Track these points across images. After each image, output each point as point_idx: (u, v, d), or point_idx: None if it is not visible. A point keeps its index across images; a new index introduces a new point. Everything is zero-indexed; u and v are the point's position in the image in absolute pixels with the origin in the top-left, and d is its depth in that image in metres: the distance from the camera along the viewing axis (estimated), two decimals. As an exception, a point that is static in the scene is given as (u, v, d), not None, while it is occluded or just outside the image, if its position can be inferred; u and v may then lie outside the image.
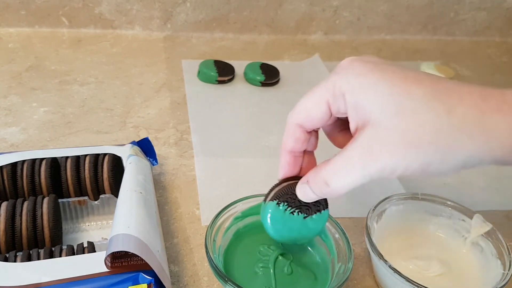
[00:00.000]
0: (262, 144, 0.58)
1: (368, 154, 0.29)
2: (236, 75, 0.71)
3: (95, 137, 0.56)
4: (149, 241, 0.34)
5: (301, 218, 0.36)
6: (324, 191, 0.32)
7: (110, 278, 0.33)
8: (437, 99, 0.28)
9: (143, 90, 0.66)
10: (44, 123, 0.57)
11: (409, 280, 0.35)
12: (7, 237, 0.37)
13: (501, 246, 0.40)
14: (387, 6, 0.86)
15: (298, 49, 0.82)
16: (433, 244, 0.43)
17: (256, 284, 0.37)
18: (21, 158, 0.43)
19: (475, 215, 0.42)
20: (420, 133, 0.28)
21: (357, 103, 0.30)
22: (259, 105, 0.65)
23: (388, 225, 0.42)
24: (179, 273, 0.41)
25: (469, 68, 0.83)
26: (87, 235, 0.43)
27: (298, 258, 0.40)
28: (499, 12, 0.91)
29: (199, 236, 0.45)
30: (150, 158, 0.48)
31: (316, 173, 0.32)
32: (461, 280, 0.40)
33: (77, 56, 0.72)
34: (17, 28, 0.76)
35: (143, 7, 0.78)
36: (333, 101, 0.31)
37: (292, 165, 0.35)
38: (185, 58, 0.75)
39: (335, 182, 0.31)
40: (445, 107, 0.28)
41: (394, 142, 0.28)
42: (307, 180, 0.33)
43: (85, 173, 0.43)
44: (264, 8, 0.82)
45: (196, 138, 0.57)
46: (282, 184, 0.36)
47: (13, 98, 0.61)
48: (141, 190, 0.39)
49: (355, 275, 0.43)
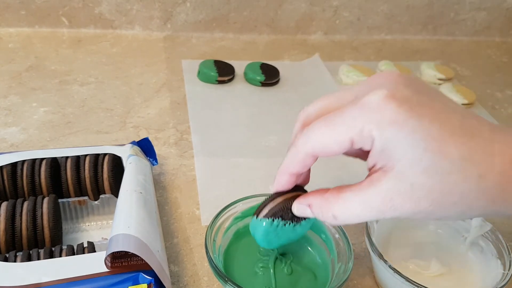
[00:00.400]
0: (262, 144, 0.58)
1: (389, 205, 0.28)
2: (236, 75, 0.71)
3: (95, 137, 0.56)
4: (149, 241, 0.34)
5: (291, 227, 0.36)
6: (328, 220, 0.31)
7: (110, 278, 0.33)
8: (471, 162, 0.27)
9: (143, 90, 0.66)
10: (44, 123, 0.57)
11: (409, 280, 0.35)
12: (7, 237, 0.37)
13: (501, 246, 0.40)
14: (387, 6, 0.86)
15: (298, 49, 0.82)
16: (433, 244, 0.43)
17: (256, 284, 0.37)
18: (21, 158, 0.43)
19: (475, 215, 0.42)
20: (446, 194, 0.27)
21: (386, 150, 0.28)
22: (259, 105, 0.65)
23: (388, 225, 0.42)
24: (179, 273, 0.41)
25: (469, 68, 0.83)
26: (87, 235, 0.43)
27: (298, 258, 0.40)
28: (499, 12, 0.91)
29: (199, 236, 0.45)
30: (150, 158, 0.48)
31: (323, 202, 0.31)
32: (461, 280, 0.40)
33: (77, 56, 0.72)
34: (17, 28, 0.76)
35: (143, 7, 0.78)
36: (359, 140, 0.28)
37: (290, 183, 0.34)
38: (185, 58, 0.75)
39: (345, 219, 0.30)
40: (477, 171, 0.27)
41: (418, 199, 0.28)
42: (309, 204, 0.32)
43: (85, 173, 0.43)
44: (264, 8, 0.82)
45: (196, 138, 0.57)
46: (277, 199, 0.34)
47: (13, 98, 0.61)
48: (141, 190, 0.39)
49: (355, 275, 0.43)
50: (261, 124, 0.61)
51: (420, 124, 0.27)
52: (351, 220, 0.30)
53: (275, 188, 0.34)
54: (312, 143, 0.30)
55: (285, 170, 0.33)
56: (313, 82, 0.72)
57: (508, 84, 0.79)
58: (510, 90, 0.78)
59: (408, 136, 0.27)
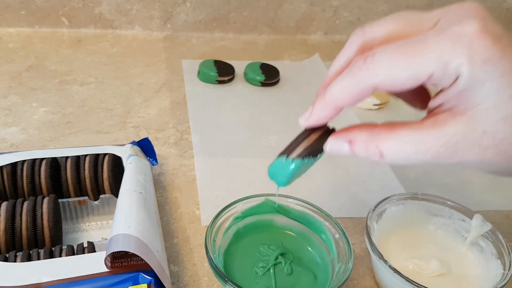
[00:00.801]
0: (262, 144, 0.58)
1: (451, 149, 0.26)
2: (236, 75, 0.71)
3: (95, 137, 0.56)
4: (149, 241, 0.34)
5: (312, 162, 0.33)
6: (373, 157, 0.28)
7: (110, 278, 0.33)
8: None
9: (143, 90, 0.66)
10: (44, 123, 0.57)
11: (409, 280, 0.35)
12: (7, 237, 0.37)
13: (501, 246, 0.40)
14: (387, 6, 0.86)
15: (298, 49, 0.82)
16: (433, 244, 0.43)
17: (256, 284, 0.37)
18: (21, 158, 0.43)
19: (475, 215, 0.42)
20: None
21: (469, 89, 0.25)
22: (259, 105, 0.65)
23: (388, 225, 0.42)
24: (179, 273, 0.41)
25: (469, 68, 0.83)
26: (87, 235, 0.43)
27: (298, 258, 0.40)
28: (499, 12, 0.91)
29: (199, 236, 0.45)
30: (150, 158, 0.48)
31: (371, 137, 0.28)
32: (461, 280, 0.40)
33: (77, 56, 0.72)
34: (17, 28, 0.76)
35: (143, 7, 0.78)
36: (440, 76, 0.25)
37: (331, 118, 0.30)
38: (185, 58, 0.75)
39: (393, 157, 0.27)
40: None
41: (486, 147, 0.25)
42: (350, 139, 0.29)
43: (85, 173, 0.43)
44: (264, 8, 0.82)
45: (196, 138, 0.57)
46: (311, 136, 0.31)
47: (13, 98, 0.61)
48: (141, 190, 0.39)
49: (355, 275, 0.43)
50: (261, 124, 0.61)
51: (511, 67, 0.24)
52: (400, 160, 0.27)
53: (311, 122, 0.30)
54: (380, 74, 0.25)
55: (333, 102, 0.28)
56: (313, 82, 0.72)
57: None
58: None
59: (499, 78, 0.24)
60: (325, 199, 0.50)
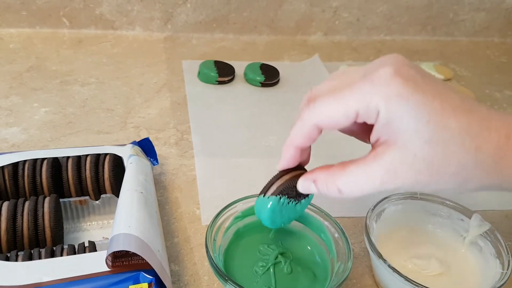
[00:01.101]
0: (262, 144, 0.58)
1: (392, 175, 0.30)
2: (236, 75, 0.71)
3: (96, 137, 0.56)
4: (150, 241, 0.35)
5: (293, 205, 0.36)
6: (333, 195, 0.32)
7: (111, 277, 0.33)
8: (469, 134, 0.29)
9: (144, 90, 0.66)
10: (45, 123, 0.57)
11: (408, 280, 0.35)
12: (9, 237, 0.37)
13: (500, 246, 0.40)
14: (386, 7, 0.86)
15: (298, 50, 0.83)
16: (432, 244, 0.43)
17: (256, 283, 0.37)
18: (22, 158, 0.43)
19: (474, 214, 0.42)
20: (446, 165, 0.29)
21: (391, 122, 0.29)
22: (259, 106, 0.65)
23: (387, 225, 0.43)
24: (179, 273, 0.41)
25: (468, 68, 0.84)
26: (88, 235, 0.43)
27: (297, 257, 0.40)
28: (498, 13, 0.92)
29: (199, 235, 0.45)
30: (150, 158, 0.49)
31: (328, 176, 0.32)
32: (460, 279, 0.40)
33: (78, 56, 0.72)
34: (18, 28, 0.76)
35: (144, 7, 0.78)
36: (364, 113, 0.30)
37: (296, 159, 0.35)
38: (186, 58, 0.75)
39: (350, 192, 0.31)
40: (474, 143, 0.29)
41: (419, 169, 0.29)
42: (313, 179, 0.33)
43: (86, 173, 0.44)
44: (264, 8, 0.83)
45: (196, 138, 0.57)
46: (284, 177, 0.35)
47: (14, 98, 0.61)
48: (141, 190, 0.40)
49: (355, 274, 0.43)
50: (261, 124, 0.62)
51: (424, 98, 0.29)
52: (355, 192, 0.31)
53: (282, 165, 0.35)
54: (319, 115, 0.31)
55: (291, 143, 0.34)
56: (313, 82, 0.72)
57: (507, 85, 0.79)
58: (509, 90, 0.78)
59: (413, 109, 0.28)
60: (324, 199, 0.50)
